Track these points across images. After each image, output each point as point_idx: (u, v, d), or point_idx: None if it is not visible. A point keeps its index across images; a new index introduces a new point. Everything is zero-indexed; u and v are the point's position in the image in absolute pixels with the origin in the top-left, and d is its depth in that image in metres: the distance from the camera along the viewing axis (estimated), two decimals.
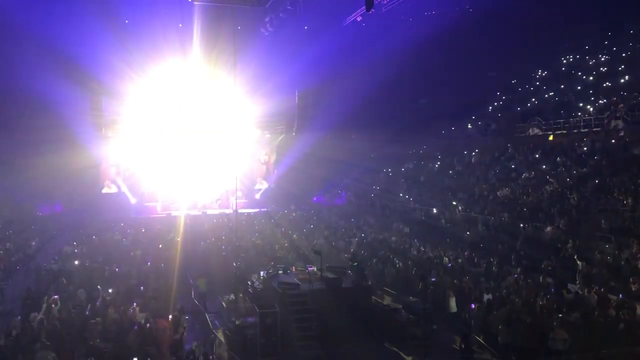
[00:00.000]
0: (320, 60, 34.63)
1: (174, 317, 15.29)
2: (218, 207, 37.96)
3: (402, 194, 35.46)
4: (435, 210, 29.90)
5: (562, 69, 42.07)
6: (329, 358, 14.50)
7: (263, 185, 41.52)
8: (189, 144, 38.86)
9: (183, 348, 13.92)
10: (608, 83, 34.94)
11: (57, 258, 22.35)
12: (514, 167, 31.52)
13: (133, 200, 37.78)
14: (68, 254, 23.40)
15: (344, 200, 38.49)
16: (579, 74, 38.86)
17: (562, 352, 12.68)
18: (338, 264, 19.64)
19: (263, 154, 42.81)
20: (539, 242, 21.69)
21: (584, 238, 20.69)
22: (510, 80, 44.80)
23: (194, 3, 32.60)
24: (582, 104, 34.29)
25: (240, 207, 35.10)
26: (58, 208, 33.48)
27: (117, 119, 37.24)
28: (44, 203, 32.97)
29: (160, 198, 38.32)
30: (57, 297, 16.19)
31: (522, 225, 23.56)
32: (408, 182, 37.54)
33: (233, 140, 37.94)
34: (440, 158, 39.16)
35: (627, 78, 34.10)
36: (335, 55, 35.34)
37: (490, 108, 43.21)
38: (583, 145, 29.60)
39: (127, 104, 36.61)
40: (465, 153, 37.73)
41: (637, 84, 32.45)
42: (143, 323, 14.47)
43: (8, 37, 30.42)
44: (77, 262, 21.76)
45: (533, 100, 39.86)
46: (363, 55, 38.05)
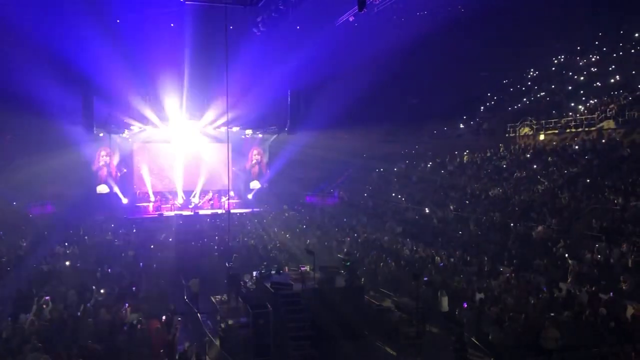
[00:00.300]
0: (313, 60, 34.59)
1: (166, 317, 15.24)
2: (210, 207, 37.91)
3: (394, 194, 35.52)
4: (428, 210, 29.97)
5: (553, 69, 42.31)
6: (322, 358, 14.50)
7: (255, 186, 41.47)
8: (181, 144, 38.77)
9: (175, 349, 13.88)
10: (599, 83, 35.17)
11: (48, 259, 22.21)
12: (506, 166, 31.65)
13: (125, 201, 37.62)
14: (59, 255, 23.26)
15: (337, 200, 38.48)
16: (570, 74, 39.10)
17: (553, 350, 12.75)
18: (331, 264, 19.62)
19: (255, 154, 42.76)
20: (531, 241, 21.80)
21: (575, 237, 20.81)
22: (502, 80, 44.99)
23: (186, 3, 32.47)
24: (573, 104, 34.51)
25: (233, 207, 35.06)
26: (49, 208, 33.22)
27: (108, 119, 37.04)
28: (35, 203, 32.71)
29: (152, 198, 38.20)
30: (48, 298, 16.09)
31: (513, 225, 23.66)
32: (400, 181, 37.60)
33: (225, 140, 37.82)
34: (432, 158, 39.25)
35: (617, 78, 34.34)
36: (328, 55, 35.30)
37: (482, 108, 43.39)
38: (574, 145, 29.78)
39: (118, 104, 36.41)
40: (457, 153, 37.85)
41: (627, 84, 32.70)
42: (135, 324, 14.41)
43: None
44: (68, 263, 21.65)
45: (524, 100, 40.06)
46: (355, 55, 38.03)
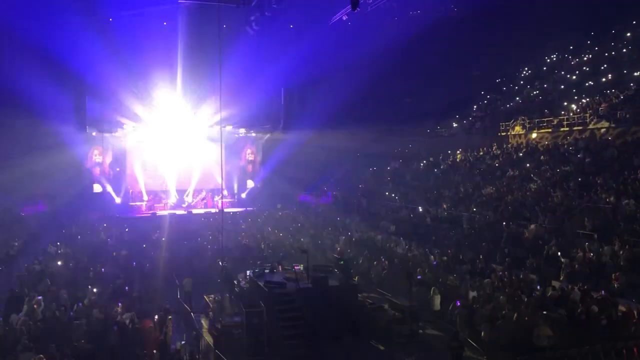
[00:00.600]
0: (306, 59, 34.59)
1: (160, 317, 15.20)
2: (203, 206, 37.85)
3: (387, 193, 35.58)
4: (421, 209, 30.03)
5: (545, 68, 42.50)
6: (316, 357, 14.51)
7: (249, 185, 41.45)
8: (174, 143, 38.66)
9: (168, 348, 13.86)
10: (591, 82, 35.34)
11: (40, 258, 22.09)
12: (498, 165, 31.74)
13: (118, 200, 37.50)
14: (52, 254, 23.15)
15: (330, 199, 38.51)
16: (563, 73, 39.28)
17: (546, 348, 12.81)
18: (324, 263, 19.67)
19: (249, 153, 42.72)
20: (523, 239, 21.87)
21: (568, 235, 20.91)
22: (495, 79, 45.15)
23: (179, 1, 32.43)
24: (565, 103, 34.66)
25: (226, 206, 35.03)
26: (41, 208, 33.07)
27: (101, 118, 36.92)
28: (27, 203, 32.54)
29: (145, 197, 38.09)
30: (40, 297, 16.01)
31: (505, 223, 23.74)
32: (394, 180, 37.66)
33: (219, 140, 37.78)
34: (426, 156, 39.32)
35: (609, 77, 34.51)
36: (321, 54, 35.30)
37: (475, 107, 43.51)
38: (566, 144, 29.92)
39: (111, 103, 36.29)
40: (450, 152, 37.94)
41: (619, 83, 32.87)
42: (128, 323, 14.37)
43: None
44: (60, 262, 21.54)
45: (517, 99, 40.21)
46: (349, 54, 38.05)
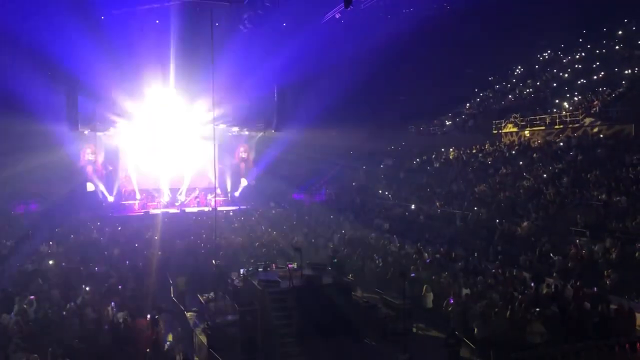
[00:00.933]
0: (299, 58, 34.54)
1: (153, 315, 15.16)
2: (197, 205, 37.76)
3: (381, 191, 35.62)
4: (414, 207, 30.09)
5: (538, 66, 42.65)
6: (310, 355, 14.51)
7: (242, 183, 41.38)
8: (167, 142, 38.54)
9: (162, 347, 13.83)
10: (583, 80, 35.51)
11: (33, 258, 21.98)
12: (491, 163, 31.85)
13: (111, 199, 37.34)
14: (44, 254, 23.03)
15: (324, 197, 38.52)
16: (555, 71, 39.45)
17: (539, 345, 12.87)
18: (318, 261, 19.67)
19: (242, 152, 42.64)
20: (516, 237, 21.97)
21: (560, 233, 21.02)
22: (488, 77, 45.27)
23: None
24: (557, 101, 34.82)
25: (220, 205, 34.96)
26: (33, 207, 32.89)
27: (93, 117, 36.76)
28: (19, 202, 32.37)
29: (138, 196, 37.96)
30: (33, 297, 15.92)
31: (499, 221, 23.83)
32: (387, 178, 37.71)
33: (212, 138, 37.70)
34: (419, 155, 39.39)
35: (601, 75, 34.69)
36: (314, 53, 35.28)
37: (468, 105, 43.62)
38: (559, 141, 30.06)
39: (103, 102, 36.13)
40: (443, 150, 38.03)
41: (611, 81, 33.06)
42: (121, 322, 14.33)
43: None
44: (52, 261, 21.42)
45: (510, 97, 40.34)
46: (342, 53, 38.08)
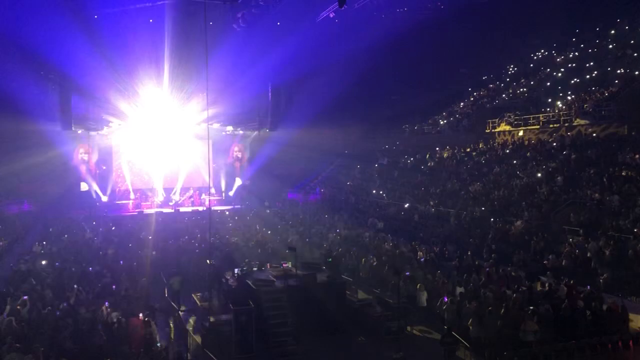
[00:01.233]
0: (293, 57, 34.56)
1: (147, 315, 15.12)
2: (191, 204, 37.68)
3: (375, 190, 35.66)
4: (407, 205, 30.14)
5: (531, 66, 42.81)
6: (305, 354, 14.51)
7: (237, 182, 41.33)
8: (161, 141, 38.45)
9: (156, 346, 13.79)
10: (576, 79, 35.67)
11: (26, 258, 21.87)
12: (485, 162, 31.93)
13: (104, 198, 37.22)
14: (38, 254, 22.92)
15: (318, 196, 38.53)
16: (549, 71, 39.60)
17: (532, 343, 12.92)
18: (313, 260, 19.66)
19: (236, 151, 42.59)
20: (510, 235, 22.05)
21: (554, 231, 21.11)
22: (481, 77, 45.41)
23: None
24: (550, 100, 34.96)
25: (214, 204, 34.90)
26: (26, 207, 32.77)
27: (86, 116, 36.64)
28: (11, 202, 32.22)
29: (132, 196, 37.86)
30: (26, 297, 15.84)
31: (493, 220, 23.91)
32: (381, 178, 37.75)
33: (206, 137, 37.66)
34: (413, 154, 39.46)
35: (594, 74, 34.84)
36: (308, 52, 35.30)
37: (462, 104, 43.74)
38: (552, 140, 30.17)
39: (97, 101, 36.02)
40: (438, 149, 38.11)
41: (604, 81, 33.22)
42: (114, 322, 14.29)
43: None
44: (45, 261, 21.30)
45: (503, 96, 40.48)
46: (336, 52, 38.10)
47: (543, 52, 43.63)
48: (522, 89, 40.02)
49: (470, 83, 45.32)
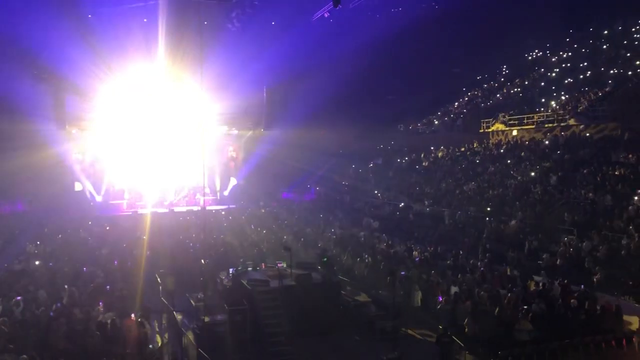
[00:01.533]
0: (288, 56, 34.54)
1: (141, 316, 15.06)
2: (185, 204, 37.57)
3: (370, 190, 35.68)
4: (402, 205, 30.17)
5: (526, 66, 42.96)
6: (300, 354, 14.50)
7: (232, 182, 41.25)
8: (156, 141, 38.31)
9: (150, 347, 13.75)
10: (570, 79, 35.81)
11: (20, 258, 21.77)
12: (479, 161, 32.01)
13: (98, 198, 37.07)
14: (31, 254, 22.82)
15: (313, 196, 38.51)
16: (543, 71, 39.75)
17: (527, 342, 12.96)
18: (307, 260, 19.65)
19: (231, 151, 42.50)
20: (504, 235, 22.10)
21: (548, 231, 21.18)
22: (476, 77, 45.51)
23: None
24: (544, 100, 35.09)
25: (209, 204, 34.81)
26: (20, 207, 32.61)
27: (81, 116, 36.48)
28: (5, 202, 32.06)
29: (127, 196, 37.71)
30: (19, 298, 15.76)
31: (487, 219, 23.96)
32: (376, 177, 37.78)
33: (200, 137, 37.56)
34: (408, 154, 39.50)
35: (588, 74, 34.99)
36: (303, 51, 35.28)
37: (456, 104, 43.83)
38: (546, 140, 30.27)
39: (91, 101, 35.87)
40: (432, 148, 38.17)
41: (598, 81, 33.37)
42: (109, 323, 14.22)
43: None
44: (39, 262, 21.22)
45: (498, 96, 40.59)
46: (331, 52, 38.07)
47: (537, 52, 43.78)
48: (516, 89, 40.15)
49: (465, 83, 45.42)
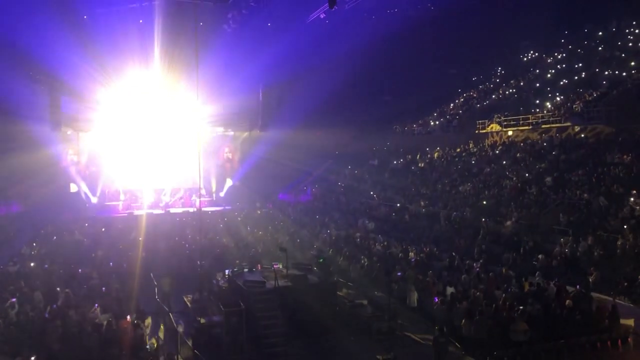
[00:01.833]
0: (284, 58, 34.52)
1: (137, 317, 15.04)
2: (181, 205, 37.51)
3: (366, 190, 35.70)
4: (399, 206, 30.20)
5: (521, 67, 43.10)
6: (296, 355, 14.50)
7: (227, 183, 41.20)
8: (151, 142, 38.21)
9: (145, 348, 13.73)
10: (565, 80, 35.94)
11: (16, 260, 21.71)
12: (475, 162, 32.07)
13: (94, 200, 36.96)
14: (27, 255, 22.76)
15: (309, 197, 38.49)
16: (538, 72, 39.89)
17: (522, 343, 12.99)
18: (304, 261, 19.66)
19: (227, 152, 42.46)
20: (500, 236, 22.15)
21: (543, 231, 21.24)
22: (471, 78, 45.61)
23: None
24: (538, 101, 35.21)
25: (204, 205, 34.74)
26: (15, 208, 32.47)
27: (76, 117, 36.37)
28: (0, 203, 31.92)
29: (122, 197, 37.62)
30: (14, 299, 15.71)
31: (483, 220, 24.01)
32: (372, 178, 37.81)
33: (196, 138, 37.50)
34: (404, 155, 39.55)
35: (583, 75, 35.12)
36: (299, 53, 35.29)
37: (452, 105, 43.91)
38: (542, 141, 30.35)
39: (86, 102, 35.76)
40: (428, 149, 38.23)
41: (592, 82, 33.49)
42: (104, 324, 14.20)
43: None
44: (34, 263, 21.17)
45: (493, 97, 40.70)
46: (326, 53, 38.11)
47: (532, 53, 43.90)
48: (511, 90, 40.26)
49: (460, 84, 45.51)
